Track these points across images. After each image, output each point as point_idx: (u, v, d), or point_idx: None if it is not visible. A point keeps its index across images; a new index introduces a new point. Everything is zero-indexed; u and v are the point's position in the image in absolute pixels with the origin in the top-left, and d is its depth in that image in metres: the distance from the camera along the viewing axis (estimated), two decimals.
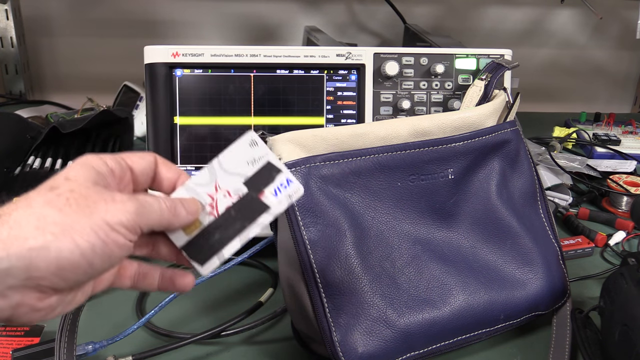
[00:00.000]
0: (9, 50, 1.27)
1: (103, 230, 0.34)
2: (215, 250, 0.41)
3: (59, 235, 0.33)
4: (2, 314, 0.34)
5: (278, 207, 0.42)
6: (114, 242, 0.35)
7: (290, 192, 0.42)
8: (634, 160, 1.04)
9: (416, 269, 0.54)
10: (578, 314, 0.59)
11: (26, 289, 0.33)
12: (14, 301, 0.33)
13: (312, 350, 0.55)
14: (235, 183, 0.42)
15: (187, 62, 0.67)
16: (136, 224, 0.36)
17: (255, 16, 1.32)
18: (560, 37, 1.42)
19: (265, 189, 0.42)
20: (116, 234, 0.35)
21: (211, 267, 0.41)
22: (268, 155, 0.42)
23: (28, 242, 0.32)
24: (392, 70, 0.69)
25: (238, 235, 0.41)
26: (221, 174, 0.42)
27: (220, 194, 0.42)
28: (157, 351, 0.55)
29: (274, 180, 0.42)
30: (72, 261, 0.33)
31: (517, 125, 0.61)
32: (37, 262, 0.33)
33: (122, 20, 1.30)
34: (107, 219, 0.35)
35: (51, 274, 0.33)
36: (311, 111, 0.69)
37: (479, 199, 0.58)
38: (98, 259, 0.34)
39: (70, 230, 0.33)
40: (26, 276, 0.33)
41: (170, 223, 0.39)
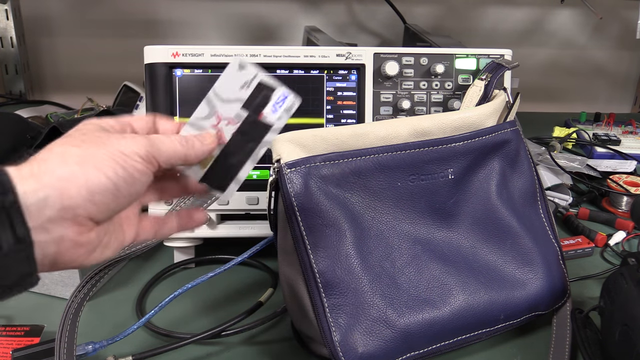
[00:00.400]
0: (9, 50, 1.27)
1: (121, 157, 0.38)
2: (231, 176, 0.44)
3: (83, 164, 0.36)
4: (48, 250, 0.35)
5: (279, 122, 0.44)
6: (133, 167, 0.38)
7: (288, 106, 0.44)
8: (634, 160, 1.04)
9: (416, 269, 0.54)
10: (578, 314, 0.59)
11: (65, 221, 0.36)
12: (56, 234, 0.35)
13: (312, 350, 0.55)
14: (234, 109, 0.43)
15: (187, 62, 0.67)
16: (150, 154, 0.39)
17: (255, 16, 1.32)
18: (560, 37, 1.42)
19: (264, 109, 0.43)
20: (133, 160, 0.38)
21: (231, 192, 0.44)
22: (258, 75, 0.44)
23: (56, 173, 0.35)
24: (392, 70, 0.69)
25: (249, 157, 0.43)
26: (219, 104, 0.44)
27: (223, 123, 0.44)
28: (157, 351, 0.55)
29: (270, 98, 0.43)
30: (100, 184, 0.36)
31: (517, 125, 0.61)
32: (69, 189, 0.35)
33: (122, 20, 1.30)
34: (121, 149, 0.38)
35: (83, 199, 0.36)
36: (311, 111, 0.69)
37: (479, 199, 0.58)
38: (122, 182, 0.37)
39: (92, 160, 0.37)
40: (61, 206, 0.35)
41: (186, 155, 0.42)
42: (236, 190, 0.44)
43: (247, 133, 0.43)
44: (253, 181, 0.69)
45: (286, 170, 0.50)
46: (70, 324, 0.52)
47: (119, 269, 0.71)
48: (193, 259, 0.73)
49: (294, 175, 0.50)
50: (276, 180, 0.51)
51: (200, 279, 0.60)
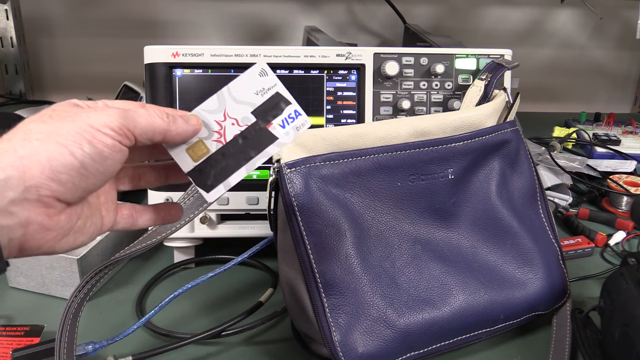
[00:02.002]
0: (9, 50, 1.27)
1: (87, 131, 0.35)
2: (221, 177, 0.42)
3: (45, 140, 0.34)
4: (13, 234, 0.34)
5: (285, 138, 0.42)
6: (101, 142, 0.35)
7: (298, 124, 0.42)
8: (634, 160, 1.04)
9: (416, 269, 0.54)
10: (578, 314, 0.59)
11: (30, 203, 0.33)
12: (22, 217, 0.33)
13: (312, 350, 0.55)
14: (243, 112, 0.42)
15: (187, 62, 0.67)
16: (123, 125, 0.36)
17: (255, 16, 1.32)
18: (560, 37, 1.42)
19: (274, 120, 0.42)
20: (102, 134, 0.35)
21: (217, 194, 0.42)
22: (277, 85, 0.42)
23: (18, 152, 0.33)
24: (392, 70, 0.69)
25: (245, 164, 0.42)
26: (230, 102, 0.42)
27: (228, 122, 0.42)
28: (157, 351, 0.55)
29: (283, 112, 0.42)
30: (64, 162, 0.34)
31: (517, 125, 0.61)
32: (30, 168, 0.33)
33: (122, 20, 1.30)
34: (90, 122, 0.35)
35: (47, 178, 0.33)
36: (311, 111, 0.69)
37: (479, 199, 0.58)
38: (89, 159, 0.35)
39: (56, 135, 0.34)
40: (24, 187, 0.33)
41: (167, 130, 0.39)
42: (222, 194, 0.42)
43: (250, 139, 0.42)
44: (253, 181, 0.69)
45: (286, 170, 0.50)
46: (70, 324, 0.52)
47: (119, 269, 0.71)
48: (193, 259, 0.73)
49: (294, 175, 0.50)
50: (276, 180, 0.51)
51: (200, 279, 0.60)
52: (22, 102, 1.27)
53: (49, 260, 0.64)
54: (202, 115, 0.42)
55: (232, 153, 0.42)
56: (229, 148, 0.42)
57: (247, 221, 0.71)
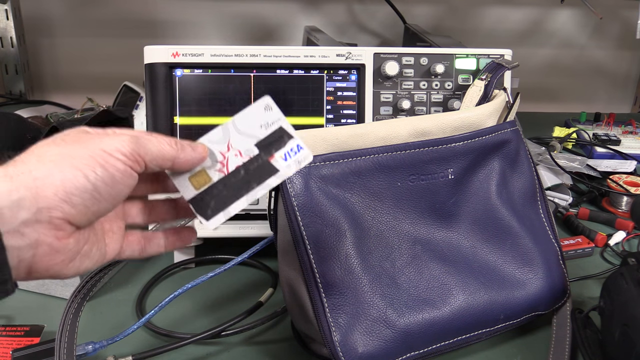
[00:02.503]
0: (9, 50, 1.27)
1: (100, 156, 0.36)
2: (222, 206, 0.43)
3: (59, 163, 0.34)
4: (23, 255, 0.34)
5: (286, 170, 0.43)
6: (113, 167, 0.36)
7: (300, 158, 0.43)
8: (634, 160, 1.04)
9: (416, 269, 0.54)
10: (578, 314, 0.59)
11: (41, 225, 0.34)
12: (32, 239, 0.34)
13: (312, 350, 0.55)
14: (247, 144, 0.43)
15: (187, 62, 0.67)
16: (134, 151, 0.37)
17: (255, 16, 1.32)
18: (560, 37, 1.42)
19: (276, 153, 0.43)
20: (114, 159, 0.36)
21: (217, 222, 0.43)
22: (281, 120, 0.43)
23: (32, 173, 0.34)
24: (392, 70, 0.69)
25: (245, 194, 0.43)
26: (234, 134, 0.43)
27: (231, 153, 0.43)
28: (157, 351, 0.55)
29: (285, 145, 0.43)
30: (77, 184, 0.35)
31: (517, 125, 0.61)
32: (44, 189, 0.34)
33: (122, 20, 1.30)
34: (103, 147, 0.36)
35: (59, 200, 0.34)
36: (311, 111, 0.69)
37: (479, 199, 0.58)
38: (101, 181, 0.35)
39: (70, 158, 0.35)
40: (36, 208, 0.33)
41: (175, 158, 0.40)
42: (221, 222, 0.42)
43: (252, 170, 0.43)
44: None
45: None
46: (70, 324, 0.52)
47: (119, 269, 0.71)
48: (193, 259, 0.73)
49: (294, 175, 0.50)
50: None
51: (200, 279, 0.60)
52: (22, 102, 1.27)
53: None
54: (206, 145, 0.43)
55: (234, 183, 0.43)
56: (230, 178, 0.43)
57: (247, 221, 0.71)
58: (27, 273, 0.35)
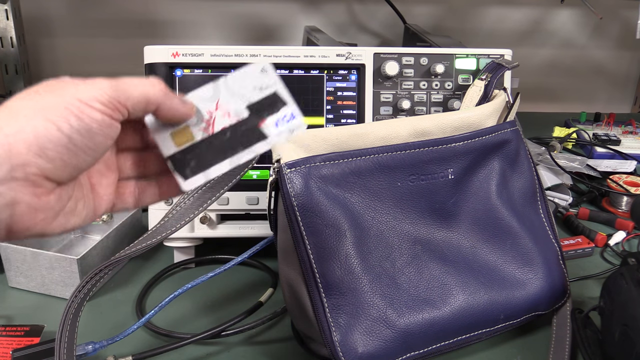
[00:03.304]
0: (9, 50, 1.27)
1: (75, 106, 0.34)
2: (202, 167, 0.40)
3: (32, 117, 0.33)
4: (1, 215, 0.32)
5: (276, 138, 0.41)
6: (89, 117, 0.34)
7: (292, 127, 0.41)
8: (634, 160, 1.04)
9: (416, 269, 0.54)
10: (578, 314, 0.59)
11: (17, 182, 0.32)
12: (8, 198, 0.32)
13: (312, 350, 0.55)
14: (237, 105, 0.41)
15: (187, 62, 0.67)
16: (113, 98, 0.35)
17: (255, 16, 1.32)
18: (560, 37, 1.42)
19: (267, 118, 0.41)
20: (90, 108, 0.34)
21: (195, 183, 0.40)
22: (277, 84, 0.41)
23: (3, 130, 0.32)
24: (392, 70, 0.69)
25: (229, 157, 0.40)
26: (225, 93, 0.41)
27: (219, 113, 0.41)
28: (157, 351, 0.56)
29: (278, 111, 0.41)
30: (51, 137, 0.33)
31: (517, 125, 0.61)
32: (17, 146, 0.32)
33: (122, 20, 1.30)
34: (79, 96, 0.34)
35: (34, 155, 0.32)
36: (311, 111, 0.69)
37: (479, 199, 0.58)
38: (76, 133, 0.33)
39: (42, 111, 0.33)
40: (10, 165, 0.32)
41: (160, 101, 0.38)
42: (200, 185, 0.40)
43: (239, 134, 0.41)
44: (253, 181, 0.69)
45: (286, 170, 0.50)
46: (70, 324, 0.52)
47: (119, 269, 0.71)
48: (193, 259, 0.73)
49: (294, 175, 0.50)
50: (276, 180, 0.51)
51: (200, 279, 0.60)
52: None
53: (49, 260, 0.64)
54: (193, 100, 0.41)
55: (218, 144, 0.40)
56: (215, 139, 0.40)
57: (247, 221, 0.71)
58: (7, 233, 0.34)
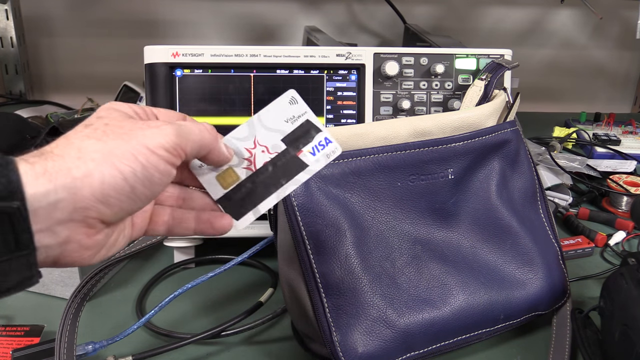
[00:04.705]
0: (9, 50, 1.27)
1: (143, 154, 0.34)
2: (251, 205, 0.42)
3: (100, 162, 0.33)
4: (51, 252, 0.33)
5: (316, 165, 0.42)
6: (154, 167, 0.35)
7: (328, 152, 0.42)
8: (634, 160, 1.04)
9: (416, 269, 0.54)
10: (578, 314, 0.59)
11: (74, 223, 0.33)
12: (62, 237, 0.33)
13: (312, 350, 0.55)
14: (273, 139, 0.42)
15: (187, 62, 0.67)
16: (177, 145, 0.36)
17: (255, 16, 1.32)
18: (560, 37, 1.42)
19: (304, 147, 0.42)
20: (156, 157, 0.35)
21: (246, 221, 0.42)
22: (307, 113, 0.42)
23: (72, 172, 0.32)
24: (392, 70, 0.69)
25: (275, 191, 0.42)
26: (260, 130, 0.42)
27: (258, 150, 0.42)
28: (157, 351, 0.56)
29: (313, 139, 0.42)
30: (115, 186, 0.33)
31: (517, 125, 0.61)
32: (82, 190, 0.32)
33: (122, 20, 1.30)
34: (146, 143, 0.34)
35: (96, 201, 0.33)
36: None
37: (479, 199, 0.58)
38: (139, 183, 0.34)
39: (111, 156, 0.33)
40: (73, 208, 0.32)
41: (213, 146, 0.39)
42: (251, 221, 0.41)
43: (280, 166, 0.42)
44: None
45: None
46: (70, 324, 0.52)
47: (119, 269, 0.71)
48: (193, 259, 0.73)
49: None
50: None
51: (200, 279, 0.60)
52: (22, 102, 1.27)
53: None
54: (232, 142, 0.42)
55: (262, 180, 0.42)
56: (258, 175, 0.42)
57: None
58: (53, 264, 0.34)
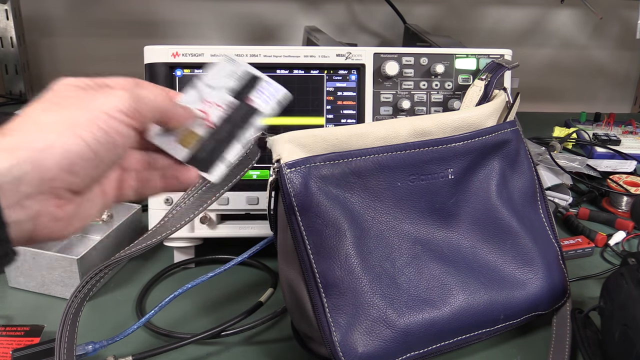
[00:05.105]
0: (9, 50, 1.27)
1: (102, 119, 0.35)
2: (219, 156, 0.44)
3: (61, 132, 0.33)
4: (24, 227, 0.33)
5: (266, 107, 0.46)
6: (115, 130, 0.35)
7: (273, 92, 0.46)
8: (634, 160, 1.04)
9: (416, 269, 0.54)
10: (578, 314, 0.59)
11: (43, 195, 0.33)
12: (33, 210, 0.33)
13: (312, 350, 0.55)
14: (221, 95, 0.45)
15: (187, 62, 0.67)
16: (134, 109, 0.36)
17: (255, 16, 1.32)
18: (560, 37, 1.42)
19: (251, 95, 0.46)
20: (116, 121, 0.35)
21: (219, 172, 0.44)
22: (245, 66, 0.46)
23: (33, 145, 0.33)
24: (392, 70, 0.69)
25: (237, 139, 0.45)
26: (207, 90, 0.45)
27: (211, 107, 0.45)
28: (157, 351, 0.56)
29: (256, 86, 0.46)
30: (79, 153, 0.34)
31: (517, 125, 0.61)
32: (47, 162, 0.33)
33: (122, 20, 1.30)
34: (103, 108, 0.35)
35: (62, 170, 0.33)
36: (311, 111, 0.69)
37: (479, 199, 0.58)
38: (102, 148, 0.35)
39: (71, 125, 0.34)
40: (39, 180, 0.32)
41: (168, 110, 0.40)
42: (224, 171, 0.44)
43: (235, 117, 0.45)
44: (253, 181, 0.69)
45: (286, 171, 0.50)
46: (70, 324, 0.52)
47: (119, 269, 0.71)
48: (193, 259, 0.73)
49: (294, 175, 0.50)
50: (276, 180, 0.51)
51: (200, 279, 0.60)
52: (22, 102, 1.27)
53: (49, 260, 0.64)
54: None
55: (223, 132, 0.44)
56: (218, 129, 0.45)
57: (247, 221, 0.71)
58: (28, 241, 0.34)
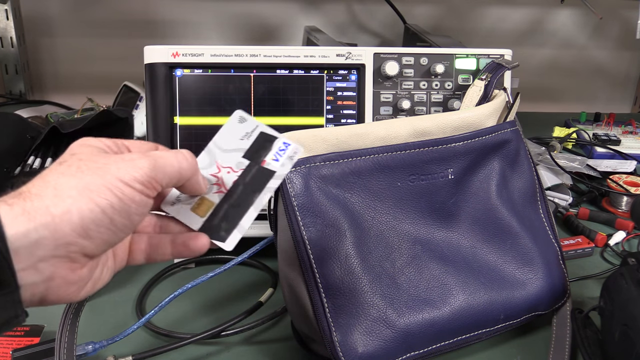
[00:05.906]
0: (9, 50, 1.27)
1: (118, 187, 0.35)
2: (233, 224, 0.42)
3: (77, 198, 0.34)
4: (36, 289, 0.33)
5: (282, 169, 0.43)
6: (129, 199, 0.35)
7: (290, 154, 0.44)
8: (634, 160, 1.04)
9: (416, 269, 0.54)
10: (578, 314, 0.59)
11: (57, 259, 0.33)
12: (46, 273, 0.33)
13: (312, 350, 0.55)
14: (235, 158, 0.43)
15: (187, 62, 0.67)
16: (151, 178, 0.36)
17: (255, 16, 1.32)
18: (560, 37, 1.42)
19: (266, 157, 0.43)
20: (131, 190, 0.35)
21: (234, 241, 0.42)
22: (259, 126, 0.44)
23: (50, 210, 0.33)
24: (392, 70, 0.69)
25: (252, 204, 0.42)
26: (220, 154, 0.43)
27: (223, 172, 0.43)
28: (157, 351, 0.56)
29: (272, 147, 0.44)
30: (95, 219, 0.34)
31: (517, 125, 0.61)
32: (62, 227, 0.33)
33: (122, 20, 1.30)
34: (121, 176, 0.35)
35: (77, 235, 0.34)
36: (311, 111, 0.69)
37: (479, 199, 0.58)
38: (117, 214, 0.35)
39: (87, 191, 0.34)
40: (55, 244, 0.33)
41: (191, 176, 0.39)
42: (238, 239, 0.42)
43: (249, 181, 0.43)
44: None
45: None
46: (70, 324, 0.52)
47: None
48: (193, 259, 0.73)
49: (294, 175, 0.50)
50: None
51: (200, 279, 0.60)
52: (22, 102, 1.27)
53: None
54: None
55: (237, 198, 0.43)
56: (232, 195, 0.43)
57: None
58: (40, 303, 0.35)
